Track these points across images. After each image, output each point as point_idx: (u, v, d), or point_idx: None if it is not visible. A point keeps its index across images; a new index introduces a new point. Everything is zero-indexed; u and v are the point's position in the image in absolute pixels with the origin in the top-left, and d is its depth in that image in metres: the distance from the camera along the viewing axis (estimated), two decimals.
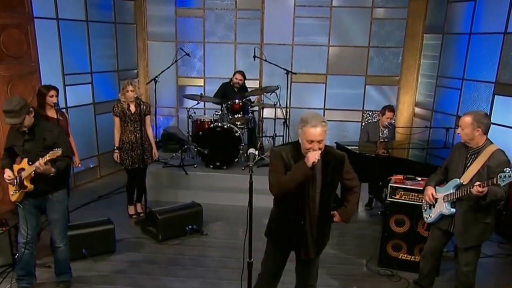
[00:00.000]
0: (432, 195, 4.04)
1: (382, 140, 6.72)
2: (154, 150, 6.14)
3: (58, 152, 3.91)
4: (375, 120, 6.95)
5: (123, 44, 8.46)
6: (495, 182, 3.44)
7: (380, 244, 5.05)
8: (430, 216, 4.11)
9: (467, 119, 3.76)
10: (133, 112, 5.84)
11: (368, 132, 6.81)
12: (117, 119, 5.88)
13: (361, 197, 7.06)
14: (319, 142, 3.13)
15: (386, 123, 6.72)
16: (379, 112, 6.91)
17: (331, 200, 3.37)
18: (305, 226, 3.32)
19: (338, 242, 5.74)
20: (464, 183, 3.80)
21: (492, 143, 3.81)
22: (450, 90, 7.88)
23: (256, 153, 3.33)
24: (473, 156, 3.82)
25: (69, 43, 7.12)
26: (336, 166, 3.30)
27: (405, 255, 4.96)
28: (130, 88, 5.75)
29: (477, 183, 3.58)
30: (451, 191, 3.89)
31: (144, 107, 5.87)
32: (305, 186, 3.23)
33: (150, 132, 6.10)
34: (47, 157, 3.91)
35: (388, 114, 6.63)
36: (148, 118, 6.02)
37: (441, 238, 4.12)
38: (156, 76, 7.28)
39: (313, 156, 3.08)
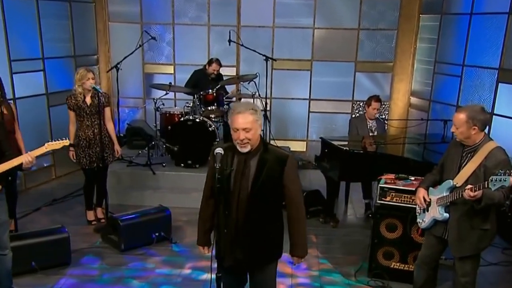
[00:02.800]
0: (424, 198, 4.03)
1: (372, 134, 6.70)
2: (116, 146, 6.08)
3: (66, 142, 4.18)
4: (363, 112, 6.94)
5: (80, 25, 8.30)
6: (486, 186, 3.43)
7: (370, 251, 5.04)
8: (424, 221, 4.09)
9: (461, 117, 3.72)
10: (89, 104, 5.74)
11: (357, 126, 6.79)
12: (72, 113, 5.78)
13: (350, 199, 7.08)
14: (245, 130, 3.12)
15: (376, 115, 6.69)
16: (364, 104, 6.90)
17: (266, 204, 3.26)
18: (229, 228, 3.25)
19: (324, 250, 5.73)
20: (457, 185, 3.79)
21: (491, 139, 3.79)
22: (449, 78, 7.91)
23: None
24: (469, 155, 3.80)
25: (15, 24, 6.94)
26: (274, 167, 3.22)
27: (398, 264, 4.94)
28: (91, 75, 5.66)
29: (469, 186, 3.56)
30: (444, 194, 3.87)
31: (103, 97, 5.78)
32: (235, 184, 3.22)
33: (110, 126, 6.02)
34: (46, 148, 4.10)
35: (375, 104, 6.59)
36: (107, 110, 5.94)
37: (436, 246, 4.11)
38: (118, 63, 7.18)
39: None
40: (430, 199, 4.01)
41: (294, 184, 3.31)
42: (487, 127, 4.12)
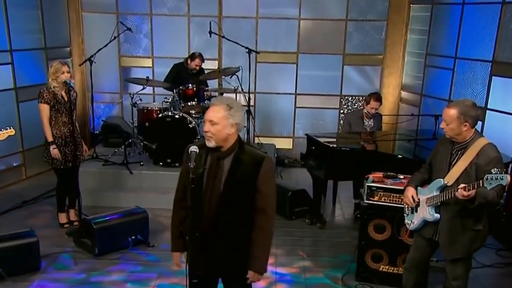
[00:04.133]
0: (413, 197, 4.01)
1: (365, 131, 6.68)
2: (85, 146, 6.09)
3: (11, 131, 4.09)
4: (360, 108, 6.90)
5: (51, 15, 8.20)
6: (481, 185, 3.41)
7: (357, 254, 5.03)
8: (412, 222, 4.08)
9: (452, 112, 3.69)
10: (66, 100, 5.66)
11: (351, 122, 6.78)
12: (46, 107, 5.64)
13: (338, 198, 7.08)
14: (210, 122, 3.07)
15: (368, 113, 6.65)
16: (363, 100, 6.85)
17: (238, 207, 3.18)
18: (200, 231, 3.18)
19: (310, 252, 5.72)
20: (448, 184, 3.77)
21: (482, 136, 3.79)
22: (441, 71, 7.96)
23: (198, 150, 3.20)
24: (459, 152, 3.79)
25: None
26: (248, 168, 3.15)
27: (387, 267, 4.94)
28: (66, 69, 5.58)
29: (462, 185, 3.54)
30: (435, 194, 3.85)
31: (75, 94, 5.77)
32: (207, 185, 3.17)
33: (76, 124, 6.02)
34: None
35: (373, 103, 6.54)
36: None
37: (425, 248, 4.10)
38: (91, 56, 7.10)
39: None
40: (419, 199, 4.00)
41: (268, 189, 3.21)
42: (480, 122, 4.10)
